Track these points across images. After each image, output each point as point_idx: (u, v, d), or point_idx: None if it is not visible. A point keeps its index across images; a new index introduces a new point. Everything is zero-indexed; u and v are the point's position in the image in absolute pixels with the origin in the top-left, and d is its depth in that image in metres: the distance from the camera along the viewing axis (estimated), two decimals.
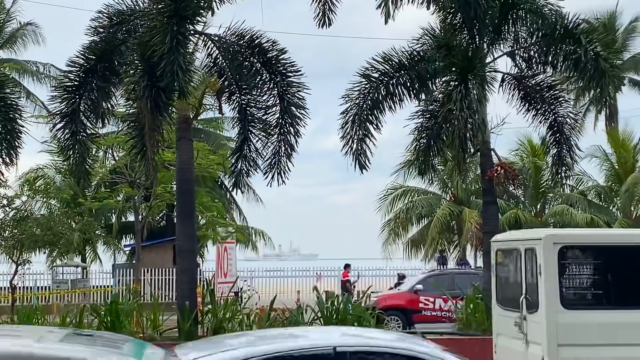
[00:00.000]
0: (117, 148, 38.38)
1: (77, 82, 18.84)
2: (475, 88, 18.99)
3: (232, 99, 19.02)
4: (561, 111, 21.26)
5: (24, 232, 29.08)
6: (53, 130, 19.62)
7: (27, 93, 42.95)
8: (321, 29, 20.60)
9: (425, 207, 43.68)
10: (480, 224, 33.53)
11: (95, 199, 38.94)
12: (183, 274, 18.84)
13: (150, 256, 38.67)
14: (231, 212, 45.71)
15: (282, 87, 18.84)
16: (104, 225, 42.29)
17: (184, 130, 19.04)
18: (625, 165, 43.03)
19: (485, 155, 20.47)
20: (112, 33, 18.78)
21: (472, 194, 43.37)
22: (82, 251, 42.27)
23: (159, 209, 38.58)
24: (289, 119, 18.82)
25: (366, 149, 20.24)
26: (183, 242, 18.90)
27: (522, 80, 21.12)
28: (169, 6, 17.15)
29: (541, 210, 44.05)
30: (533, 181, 43.14)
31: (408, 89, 20.42)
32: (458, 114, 18.41)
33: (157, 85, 16.87)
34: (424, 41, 20.55)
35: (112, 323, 17.73)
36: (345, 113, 20.21)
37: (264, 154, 18.94)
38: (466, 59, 19.59)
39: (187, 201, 19.13)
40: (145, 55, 16.90)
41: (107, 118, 19.90)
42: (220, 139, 45.08)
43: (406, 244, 43.93)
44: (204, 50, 19.04)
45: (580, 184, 45.07)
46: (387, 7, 21.17)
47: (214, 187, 43.16)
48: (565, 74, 20.94)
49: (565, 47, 19.81)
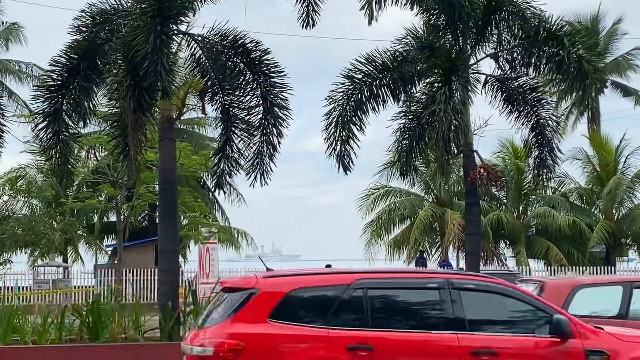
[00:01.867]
0: (99, 148, 38.27)
1: (59, 81, 18.74)
2: (458, 90, 19.03)
3: (215, 99, 18.97)
4: (543, 113, 21.34)
5: (5, 232, 29.01)
6: (35, 130, 19.51)
7: (9, 92, 42.83)
8: (305, 29, 20.59)
9: (407, 208, 43.77)
10: (462, 226, 33.64)
11: (77, 199, 38.79)
12: (165, 274, 18.78)
13: (132, 256, 38.56)
14: (213, 213, 45.64)
15: (265, 88, 18.81)
16: (85, 225, 42.12)
17: (166, 130, 18.98)
18: (607, 167, 43.25)
19: (468, 156, 20.51)
20: (95, 32, 18.69)
21: (455, 195, 43.49)
22: (63, 251, 42.08)
23: (141, 209, 38.50)
24: (272, 119, 18.79)
25: (350, 151, 20.27)
26: (165, 242, 18.84)
27: (505, 82, 21.18)
28: (153, 6, 17.09)
29: (523, 212, 44.23)
30: (515, 183, 43.30)
31: (391, 90, 20.45)
32: (442, 115, 18.45)
33: (140, 85, 16.82)
34: (407, 42, 20.58)
35: (93, 323, 17.66)
36: (328, 114, 20.22)
37: (247, 154, 18.91)
38: (450, 61, 19.64)
39: (170, 201, 19.07)
40: (129, 55, 16.85)
41: (89, 118, 19.81)
42: (203, 139, 45.04)
43: (388, 245, 43.99)
44: (187, 50, 18.99)
45: (563, 186, 45.30)
46: (370, 8, 21.17)
47: (197, 187, 43.08)
48: (548, 76, 21.02)
49: (549, 49, 19.90)
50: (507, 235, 43.01)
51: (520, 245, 41.69)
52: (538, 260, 43.42)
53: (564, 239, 41.46)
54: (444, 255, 42.01)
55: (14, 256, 33.16)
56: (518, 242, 42.10)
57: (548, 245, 41.21)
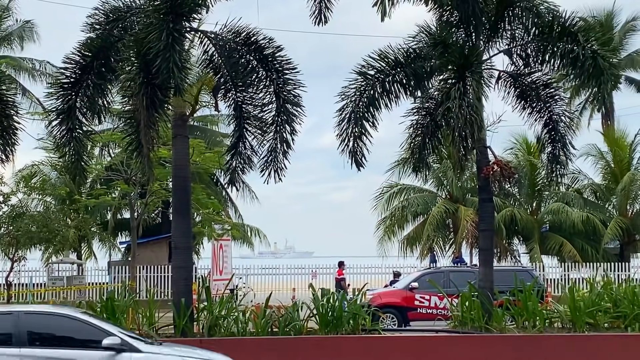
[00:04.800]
0: (113, 145, 38.40)
1: (73, 79, 18.79)
2: (473, 86, 18.98)
3: (228, 96, 18.99)
4: (556, 109, 21.26)
5: (19, 229, 29.07)
6: (49, 127, 19.57)
7: (23, 90, 43.02)
8: (317, 26, 20.57)
9: (420, 204, 43.73)
10: (476, 222, 33.61)
11: (91, 196, 38.95)
12: (178, 271, 18.83)
13: (145, 253, 38.70)
14: (226, 210, 45.72)
15: (278, 85, 18.81)
16: (99, 222, 42.29)
17: (179, 127, 19.03)
18: (621, 163, 43.14)
19: (482, 152, 20.46)
20: (108, 30, 18.73)
21: (468, 191, 43.44)
22: (77, 248, 42.30)
23: (155, 205, 38.57)
24: (285, 116, 18.80)
25: (362, 147, 20.21)
26: (178, 239, 18.89)
27: (518, 78, 21.10)
28: (165, 3, 17.13)
29: (537, 208, 44.13)
30: (528, 179, 43.24)
31: (404, 86, 20.39)
32: (457, 111, 18.38)
33: (152, 82, 16.86)
34: (420, 39, 20.52)
35: (107, 320, 17.73)
36: (341, 111, 20.19)
37: (260, 151, 18.93)
38: (463, 57, 19.57)
39: (183, 198, 19.11)
40: (141, 52, 16.88)
41: (103, 115, 19.84)
42: (216, 136, 45.11)
43: (402, 242, 43.97)
44: (200, 47, 18.99)
45: (576, 182, 45.19)
46: (383, 4, 21.12)
47: (210, 184, 43.16)
48: (563, 72, 20.93)
49: (563, 45, 19.80)
50: (520, 232, 42.93)
51: (534, 242, 41.61)
52: (552, 256, 43.32)
53: (578, 235, 41.36)
54: (457, 252, 41.94)
55: (29, 253, 33.23)
56: (531, 239, 42.02)
57: (562, 242, 41.13)
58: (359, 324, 18.46)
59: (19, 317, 12.32)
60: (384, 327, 21.28)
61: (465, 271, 28.04)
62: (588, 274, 37.62)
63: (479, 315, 18.85)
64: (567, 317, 19.22)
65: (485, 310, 18.97)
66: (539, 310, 19.10)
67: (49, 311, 13.27)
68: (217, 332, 17.96)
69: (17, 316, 12.37)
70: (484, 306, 19.02)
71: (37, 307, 14.42)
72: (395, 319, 25.85)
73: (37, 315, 12.73)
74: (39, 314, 12.90)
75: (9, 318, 12.38)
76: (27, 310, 12.83)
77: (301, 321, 18.21)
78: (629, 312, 18.97)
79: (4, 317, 12.53)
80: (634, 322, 18.82)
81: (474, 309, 19.06)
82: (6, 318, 12.43)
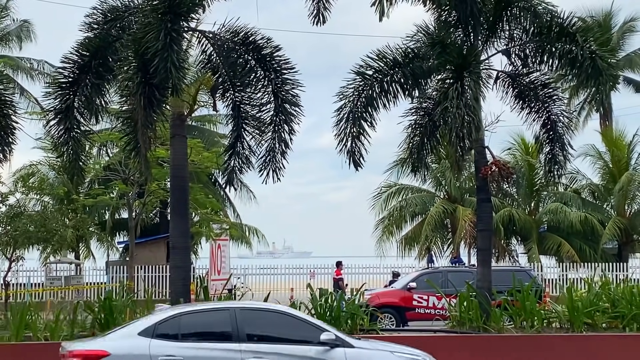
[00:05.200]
0: (111, 145, 38.38)
1: (71, 78, 18.79)
2: (470, 86, 18.96)
3: (226, 96, 18.98)
4: (555, 109, 21.26)
5: (17, 229, 29.03)
6: (47, 127, 19.59)
7: (21, 89, 42.99)
8: (316, 26, 20.56)
9: (419, 204, 43.74)
10: (474, 222, 33.62)
11: (88, 196, 38.91)
12: (176, 271, 18.82)
13: (143, 253, 38.70)
14: (225, 209, 45.70)
15: (277, 84, 18.81)
16: (97, 222, 42.21)
17: (177, 127, 19.03)
18: (619, 163, 43.16)
19: (480, 153, 20.45)
20: (106, 29, 18.73)
21: (466, 191, 43.44)
22: (75, 248, 42.25)
23: (153, 205, 38.57)
24: (284, 116, 18.79)
25: (360, 147, 20.20)
26: (176, 239, 18.88)
27: (517, 78, 21.10)
28: (163, 3, 17.11)
29: (535, 209, 44.15)
30: (527, 179, 43.25)
31: (402, 86, 20.38)
32: (455, 111, 18.36)
33: (150, 81, 16.84)
34: (418, 38, 20.51)
35: (105, 320, 17.73)
36: (339, 110, 20.17)
37: (258, 151, 18.94)
38: (461, 57, 19.56)
39: (181, 198, 19.10)
40: (139, 51, 16.86)
41: (101, 115, 19.85)
42: (214, 136, 45.10)
43: (400, 242, 43.96)
44: (198, 47, 18.99)
45: (574, 183, 45.24)
46: (381, 4, 21.11)
47: (208, 183, 43.15)
48: (561, 72, 20.92)
49: (561, 46, 19.79)
50: (518, 232, 42.94)
51: (532, 242, 41.62)
52: (550, 256, 43.35)
53: (576, 235, 41.38)
54: (455, 252, 41.95)
55: (26, 253, 33.18)
56: (530, 239, 42.03)
57: (560, 242, 41.15)
58: (357, 324, 18.45)
59: (235, 313, 12.48)
60: (382, 327, 21.26)
61: (464, 271, 28.03)
62: (586, 274, 37.65)
63: (477, 315, 18.84)
64: (565, 317, 19.21)
65: (483, 310, 18.96)
66: (537, 310, 19.09)
67: (264, 307, 13.63)
68: None
69: (233, 312, 12.53)
70: (482, 306, 19.01)
71: (251, 303, 14.63)
72: (393, 319, 25.84)
73: (252, 312, 12.94)
74: (254, 310, 13.15)
75: (225, 314, 12.55)
76: (242, 307, 13.00)
77: None
78: (627, 312, 18.97)
79: (221, 313, 12.70)
80: (632, 322, 18.82)
81: (472, 309, 19.05)
82: (223, 314, 12.60)
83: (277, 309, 13.34)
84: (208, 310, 13.16)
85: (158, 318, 12.40)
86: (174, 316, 12.41)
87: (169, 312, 12.68)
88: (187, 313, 12.72)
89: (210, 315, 12.79)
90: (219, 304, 15.07)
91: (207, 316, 12.81)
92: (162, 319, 12.34)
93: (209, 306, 13.89)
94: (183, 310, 12.87)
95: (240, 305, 13.29)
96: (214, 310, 13.12)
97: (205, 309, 13.38)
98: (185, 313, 12.68)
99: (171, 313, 12.54)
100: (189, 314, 12.72)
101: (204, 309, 13.30)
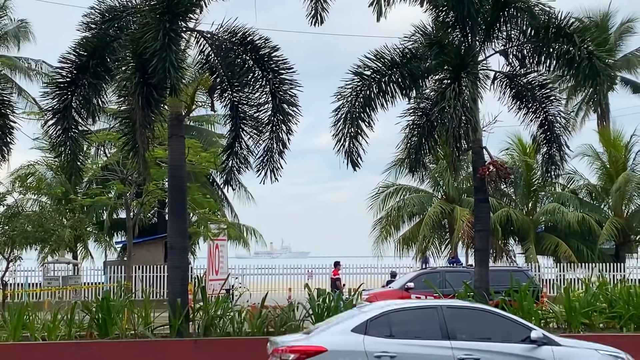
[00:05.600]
0: (109, 145, 38.35)
1: (69, 78, 18.78)
2: (468, 86, 18.99)
3: (224, 96, 18.97)
4: (552, 110, 21.30)
5: (15, 229, 29.06)
6: (45, 127, 19.59)
7: (19, 89, 42.98)
8: (314, 27, 20.59)
9: (416, 205, 43.72)
10: (471, 222, 33.60)
11: (86, 196, 38.90)
12: (174, 271, 18.82)
13: (141, 253, 38.69)
14: (222, 209, 45.73)
15: (274, 85, 18.81)
16: (95, 222, 42.26)
17: (175, 127, 19.02)
18: (617, 164, 43.16)
19: (477, 153, 20.48)
20: (103, 29, 18.71)
21: (464, 192, 43.43)
22: (73, 248, 42.25)
23: (151, 205, 38.56)
24: (281, 116, 18.80)
25: (358, 147, 20.22)
26: (174, 239, 18.88)
27: (514, 78, 21.14)
28: (162, 3, 17.11)
29: (532, 209, 44.16)
30: (524, 180, 43.24)
31: (400, 86, 20.41)
32: (452, 112, 18.39)
33: (149, 82, 16.83)
34: (415, 39, 20.53)
35: (103, 320, 17.74)
36: (337, 111, 20.20)
37: (256, 151, 18.93)
38: (459, 57, 19.59)
39: (179, 198, 19.11)
40: (137, 51, 16.86)
41: (99, 114, 19.84)
42: (212, 136, 45.10)
43: (397, 242, 43.95)
44: (196, 47, 18.97)
45: (572, 183, 45.25)
46: (379, 4, 21.13)
47: (206, 184, 43.16)
48: (559, 72, 20.95)
49: (559, 46, 19.82)
50: (516, 232, 42.95)
51: (530, 242, 41.63)
52: (547, 257, 43.36)
53: (573, 235, 41.39)
54: (453, 252, 41.95)
55: (24, 253, 33.23)
56: (527, 239, 42.04)
57: (557, 242, 41.16)
58: None
59: (442, 311, 12.67)
60: None
61: (461, 271, 28.07)
62: (583, 274, 37.70)
63: None
64: (562, 317, 19.24)
65: None
66: (535, 311, 19.11)
67: (471, 306, 14.01)
68: (212, 332, 17.96)
69: (441, 310, 12.71)
70: None
71: (457, 302, 15.05)
72: None
73: (459, 310, 13.25)
74: (461, 308, 13.51)
75: (433, 312, 12.73)
76: (449, 305, 13.26)
77: (297, 321, 18.20)
78: (624, 313, 19.00)
79: (428, 311, 12.88)
80: (629, 322, 18.85)
81: None
82: (431, 312, 12.79)
83: (483, 308, 13.60)
84: (416, 308, 13.35)
85: (368, 315, 12.60)
86: (383, 314, 12.64)
87: (377, 310, 12.87)
88: (395, 310, 12.91)
89: (418, 313, 12.97)
90: (425, 302, 15.48)
91: (415, 314, 12.98)
92: (373, 316, 12.55)
93: (416, 304, 14.29)
94: (391, 308, 13.01)
95: (447, 303, 13.62)
96: (421, 307, 13.32)
97: (413, 306, 13.58)
98: (393, 310, 12.87)
99: (380, 311, 12.75)
100: (397, 311, 12.91)
101: (412, 307, 13.46)
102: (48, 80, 21.52)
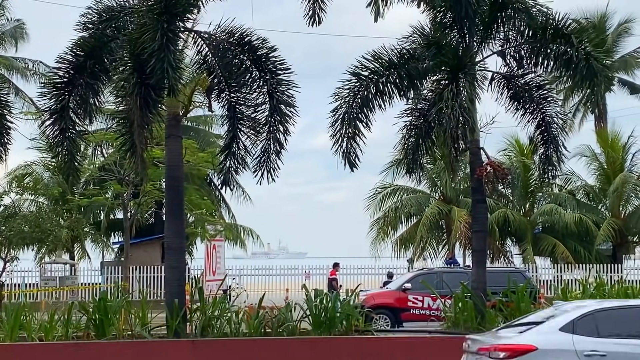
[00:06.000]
0: (106, 145, 38.35)
1: (66, 78, 18.74)
2: (466, 87, 18.98)
3: (222, 96, 18.97)
4: (549, 111, 21.29)
5: (12, 229, 29.03)
6: (42, 127, 19.54)
7: (16, 89, 42.94)
8: (311, 27, 20.58)
9: (414, 205, 43.76)
10: (469, 223, 33.64)
11: (83, 196, 38.89)
12: (171, 271, 18.80)
13: (138, 253, 38.67)
14: (220, 210, 45.71)
15: (272, 85, 18.80)
16: (92, 222, 42.23)
17: (173, 127, 19.00)
18: (614, 164, 43.22)
19: (475, 154, 20.47)
20: (101, 29, 18.68)
21: (461, 192, 43.45)
22: (70, 248, 42.24)
23: (148, 206, 38.55)
24: (279, 116, 18.78)
25: (356, 147, 20.20)
26: (171, 239, 18.85)
27: (512, 79, 21.13)
28: (159, 3, 17.09)
29: (530, 210, 44.19)
30: (522, 180, 43.28)
31: (398, 87, 20.39)
32: (450, 112, 18.38)
33: (146, 82, 16.81)
34: (413, 39, 20.52)
35: (100, 320, 17.71)
36: (334, 111, 20.18)
37: (253, 151, 18.92)
38: (456, 58, 19.59)
39: (176, 198, 19.08)
40: (135, 52, 16.84)
41: (96, 115, 19.81)
42: (209, 137, 45.10)
43: (395, 243, 43.97)
44: (193, 47, 18.96)
45: (569, 184, 45.30)
46: (376, 5, 21.13)
47: (203, 184, 43.13)
48: (556, 73, 20.95)
49: (556, 47, 19.81)
50: (513, 233, 42.99)
51: (527, 243, 41.67)
52: (544, 257, 43.41)
53: (571, 236, 41.43)
54: (450, 253, 41.98)
55: (21, 253, 33.21)
56: (524, 240, 42.07)
57: (554, 243, 41.20)
58: (352, 325, 18.43)
59: None
60: (376, 328, 21.27)
61: (458, 272, 28.04)
62: (581, 275, 37.69)
63: (472, 316, 18.85)
64: None
65: (478, 311, 18.97)
66: (532, 311, 19.10)
67: None
68: (210, 333, 17.93)
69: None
70: (477, 307, 19.02)
71: None
72: (388, 320, 25.85)
73: None
74: None
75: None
76: None
77: (294, 322, 18.19)
78: None
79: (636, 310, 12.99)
80: None
81: (466, 310, 19.07)
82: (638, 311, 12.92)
83: None
84: (623, 308, 13.32)
85: (573, 315, 12.55)
86: (588, 313, 12.57)
87: (581, 309, 12.82)
88: (601, 310, 12.83)
89: (626, 313, 12.90)
90: (630, 301, 15.58)
91: (623, 313, 12.88)
92: (579, 315, 12.50)
93: (621, 303, 14.35)
94: (596, 307, 12.96)
95: None
96: (628, 307, 13.36)
97: (619, 306, 13.56)
98: (599, 310, 12.80)
99: (585, 310, 12.69)
100: (603, 311, 12.82)
101: (617, 306, 13.44)
102: (45, 81, 21.49)
